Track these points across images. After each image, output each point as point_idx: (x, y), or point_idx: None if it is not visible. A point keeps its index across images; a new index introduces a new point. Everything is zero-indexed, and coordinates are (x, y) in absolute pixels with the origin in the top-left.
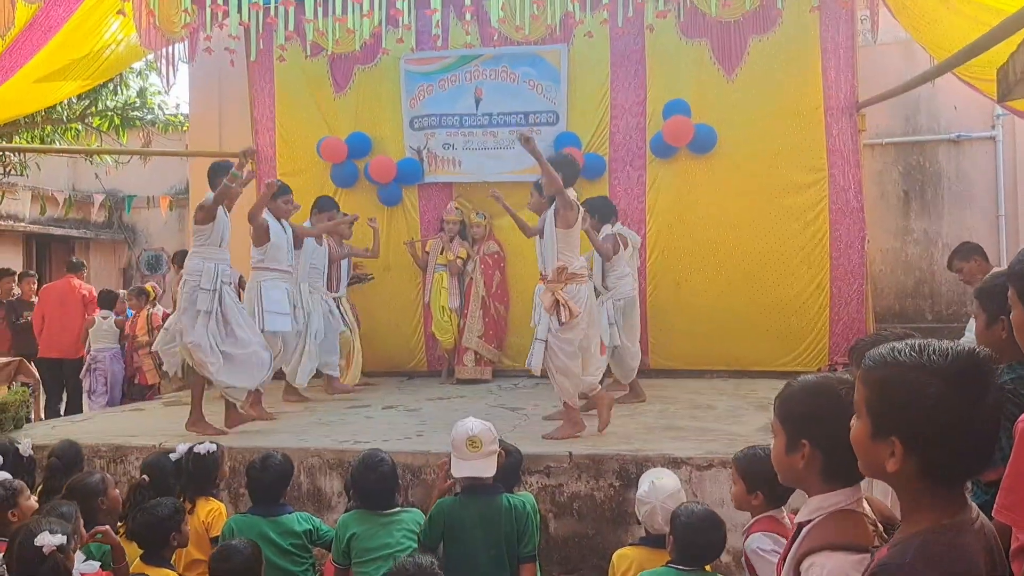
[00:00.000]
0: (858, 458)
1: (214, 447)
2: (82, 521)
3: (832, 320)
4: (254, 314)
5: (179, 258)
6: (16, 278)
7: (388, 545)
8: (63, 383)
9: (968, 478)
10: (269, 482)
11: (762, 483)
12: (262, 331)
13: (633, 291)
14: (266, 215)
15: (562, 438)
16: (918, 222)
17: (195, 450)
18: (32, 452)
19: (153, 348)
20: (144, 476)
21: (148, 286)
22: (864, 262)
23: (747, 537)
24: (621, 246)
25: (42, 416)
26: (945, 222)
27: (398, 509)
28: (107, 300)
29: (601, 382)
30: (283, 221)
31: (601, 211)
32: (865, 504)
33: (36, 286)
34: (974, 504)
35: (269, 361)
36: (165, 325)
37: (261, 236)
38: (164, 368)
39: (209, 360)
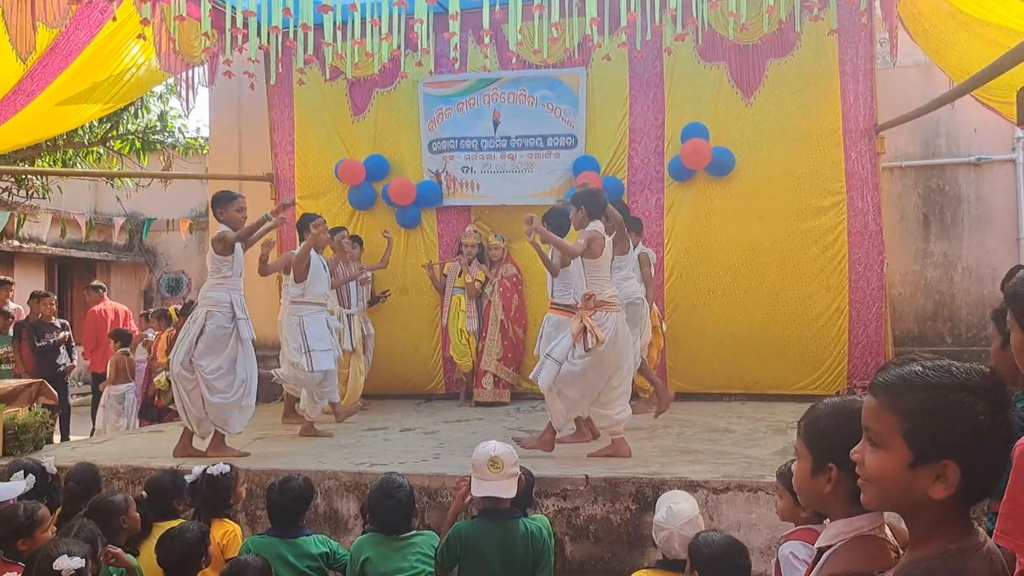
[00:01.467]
0: (876, 491)
1: (228, 468)
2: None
3: (851, 343)
4: (300, 351)
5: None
6: (37, 299)
7: (402, 569)
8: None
9: (983, 499)
10: (288, 504)
11: None
12: (311, 371)
13: (638, 293)
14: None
15: (604, 456)
16: (937, 245)
17: (209, 472)
18: (56, 471)
19: None
20: (142, 492)
21: (171, 309)
22: (883, 285)
23: (783, 543)
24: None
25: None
26: (965, 245)
27: (413, 533)
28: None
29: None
30: (321, 256)
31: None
32: (887, 530)
33: (55, 307)
34: (981, 529)
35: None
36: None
37: (302, 273)
38: None
39: (226, 391)
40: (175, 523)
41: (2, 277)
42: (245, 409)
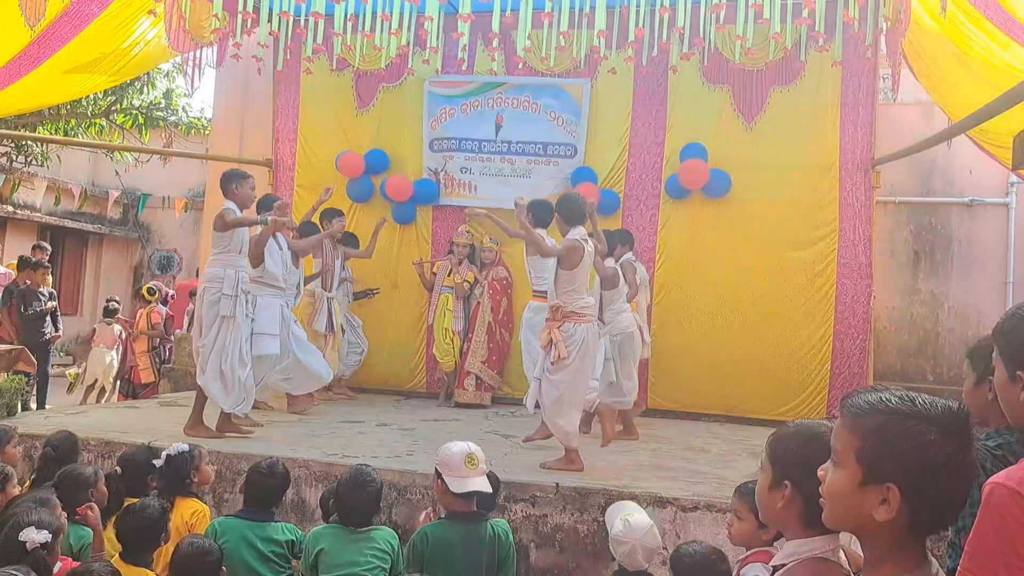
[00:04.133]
0: (832, 508)
1: (185, 447)
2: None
3: (833, 373)
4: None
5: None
6: (32, 269)
7: (356, 563)
8: None
9: (936, 531)
10: (271, 488)
11: None
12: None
13: (631, 327)
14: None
15: (557, 469)
16: (926, 283)
17: (167, 452)
18: None
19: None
20: (117, 468)
21: (144, 288)
22: (869, 318)
23: (743, 566)
24: (622, 279)
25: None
26: (953, 284)
27: (371, 527)
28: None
29: None
30: (279, 237)
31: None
32: (842, 555)
33: (48, 278)
34: (934, 560)
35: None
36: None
37: (258, 259)
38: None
39: (210, 369)
40: None
41: None
42: (229, 388)
